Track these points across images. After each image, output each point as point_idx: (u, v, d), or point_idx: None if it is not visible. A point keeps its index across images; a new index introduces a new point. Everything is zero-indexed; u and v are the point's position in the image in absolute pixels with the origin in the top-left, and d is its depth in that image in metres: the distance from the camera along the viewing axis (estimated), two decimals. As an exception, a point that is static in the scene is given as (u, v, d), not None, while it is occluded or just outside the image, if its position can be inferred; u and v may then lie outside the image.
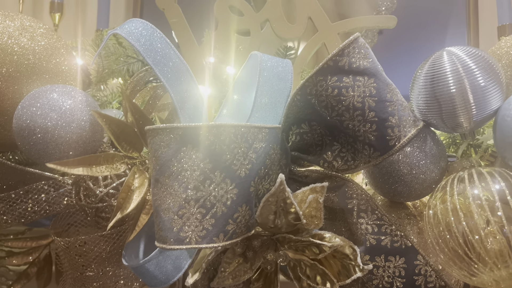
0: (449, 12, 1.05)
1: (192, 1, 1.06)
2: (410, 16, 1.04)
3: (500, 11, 1.00)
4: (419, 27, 1.04)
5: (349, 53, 0.55)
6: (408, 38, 1.04)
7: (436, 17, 1.04)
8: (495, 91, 0.52)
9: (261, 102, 0.64)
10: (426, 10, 1.05)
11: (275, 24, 0.75)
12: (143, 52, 0.56)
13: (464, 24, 1.03)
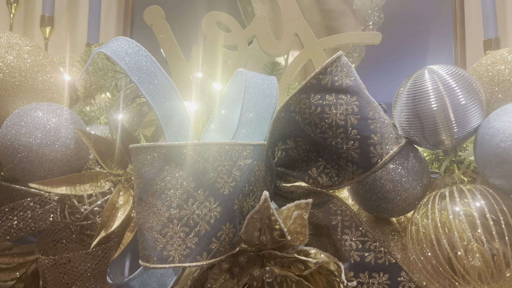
0: (437, 25, 1.06)
1: (180, 17, 1.07)
2: (398, 29, 1.05)
3: (486, 26, 1.01)
4: (407, 40, 1.05)
5: (332, 72, 0.56)
6: (396, 50, 1.05)
7: (424, 30, 1.06)
8: (476, 109, 0.53)
9: (247, 118, 0.65)
10: (414, 23, 1.06)
11: (262, 40, 0.76)
12: (128, 70, 0.56)
13: (451, 37, 1.04)
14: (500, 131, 0.49)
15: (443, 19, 1.06)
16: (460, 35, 1.04)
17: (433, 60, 1.06)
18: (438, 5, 1.06)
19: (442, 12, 1.05)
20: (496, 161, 0.49)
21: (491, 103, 0.57)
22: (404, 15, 1.06)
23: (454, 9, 1.05)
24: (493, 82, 0.57)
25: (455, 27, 1.05)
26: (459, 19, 1.04)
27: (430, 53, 1.07)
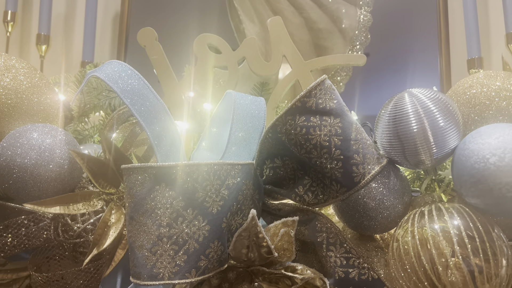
0: (423, 44, 1.09)
1: (173, 37, 1.10)
2: (385, 48, 1.09)
3: (469, 45, 1.05)
4: (394, 58, 1.09)
5: (316, 95, 0.58)
6: (384, 67, 1.09)
7: (410, 48, 1.09)
8: (453, 131, 0.56)
9: (237, 137, 0.67)
10: (400, 42, 1.10)
11: (252, 62, 0.79)
12: (120, 93, 0.58)
13: (436, 55, 1.08)
14: (475, 152, 0.51)
15: (429, 38, 1.10)
16: (445, 53, 1.08)
17: (420, 76, 1.09)
18: (424, 25, 1.09)
19: (428, 31, 1.09)
20: (471, 182, 0.51)
21: (468, 124, 0.60)
22: (391, 34, 1.10)
23: (439, 29, 1.09)
24: (470, 104, 0.60)
25: (440, 46, 1.08)
26: (444, 39, 1.08)
27: (417, 70, 1.10)
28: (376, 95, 1.08)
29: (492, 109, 0.58)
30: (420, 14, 1.09)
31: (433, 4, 1.09)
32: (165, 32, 1.12)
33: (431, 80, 1.06)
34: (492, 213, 0.54)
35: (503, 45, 1.08)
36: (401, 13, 1.10)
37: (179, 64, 0.96)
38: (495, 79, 0.60)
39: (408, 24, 1.11)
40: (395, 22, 1.09)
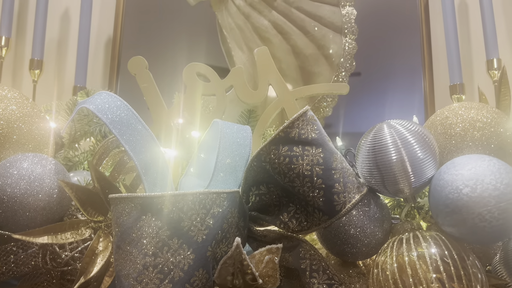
0: (407, 69, 1.13)
1: (165, 61, 1.13)
2: (371, 73, 1.12)
3: (451, 72, 1.09)
4: (380, 83, 1.12)
5: (299, 125, 0.61)
6: (370, 92, 1.12)
7: (395, 73, 1.12)
8: (430, 161, 0.58)
9: (224, 163, 0.69)
10: (385, 67, 1.13)
11: (239, 90, 0.81)
12: (109, 124, 0.60)
13: (420, 80, 1.11)
14: (449, 183, 0.54)
15: (413, 63, 1.13)
16: (429, 79, 1.11)
17: (405, 100, 1.12)
18: (408, 51, 1.13)
19: (412, 57, 1.13)
20: (446, 211, 0.53)
21: (444, 154, 0.62)
22: (376, 60, 1.13)
23: (423, 55, 1.12)
24: (446, 135, 0.63)
25: (424, 71, 1.12)
26: (427, 65, 1.11)
27: (402, 94, 1.13)
28: (363, 117, 1.11)
29: (466, 139, 0.61)
30: (404, 40, 1.13)
31: (416, 32, 1.13)
32: (156, 57, 1.14)
33: (416, 104, 1.09)
34: (467, 241, 0.56)
35: (485, 71, 1.11)
36: (386, 39, 1.14)
37: (170, 90, 0.98)
38: (469, 110, 0.62)
39: (393, 50, 1.14)
40: (380, 48, 1.13)
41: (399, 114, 1.09)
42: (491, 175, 0.51)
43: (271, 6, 1.05)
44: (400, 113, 1.09)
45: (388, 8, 1.15)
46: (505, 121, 0.61)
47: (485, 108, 0.63)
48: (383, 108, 1.11)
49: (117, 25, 1.21)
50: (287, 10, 1.05)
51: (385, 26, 1.15)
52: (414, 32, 1.14)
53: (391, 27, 1.15)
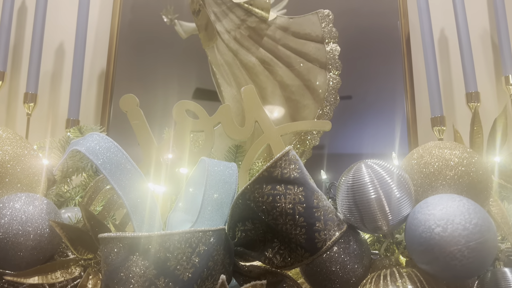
0: (391, 101, 1.17)
1: (155, 98, 1.16)
2: (355, 107, 1.16)
3: (432, 105, 1.13)
4: (363, 117, 1.16)
5: (281, 165, 0.64)
6: (353, 125, 1.16)
7: (378, 105, 1.17)
8: (406, 200, 0.61)
9: (212, 198, 0.71)
10: (369, 98, 1.17)
11: (226, 127, 0.84)
12: (100, 166, 0.63)
13: (404, 112, 1.15)
14: (422, 222, 0.57)
15: (397, 96, 1.18)
16: (412, 111, 1.15)
17: (388, 131, 1.15)
18: (391, 82, 1.17)
19: (395, 89, 1.17)
20: (420, 249, 0.56)
21: (419, 192, 0.65)
22: (361, 91, 1.17)
23: (406, 88, 1.17)
24: (421, 173, 0.66)
25: (407, 104, 1.16)
26: (410, 98, 1.16)
27: (386, 126, 1.17)
28: (348, 145, 1.15)
29: (440, 178, 0.64)
30: (387, 73, 1.18)
31: (399, 65, 1.18)
32: (148, 91, 1.18)
33: (400, 134, 1.13)
34: (442, 277, 0.58)
35: (465, 103, 1.16)
36: (369, 71, 1.19)
37: (163, 121, 1.02)
38: (443, 150, 0.66)
39: (377, 81, 1.19)
40: (364, 80, 1.17)
41: (383, 143, 1.13)
42: (461, 215, 0.54)
43: (258, 44, 1.10)
44: (384, 143, 1.13)
45: (370, 41, 1.20)
46: (476, 161, 0.65)
47: (457, 147, 0.66)
48: (368, 137, 1.15)
49: (110, 58, 1.24)
50: (274, 47, 1.10)
51: (369, 58, 1.20)
52: (396, 65, 1.19)
53: (374, 59, 1.20)
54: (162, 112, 1.11)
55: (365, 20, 1.22)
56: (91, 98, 1.27)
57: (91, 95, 1.27)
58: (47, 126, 1.23)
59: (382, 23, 1.22)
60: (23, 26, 1.33)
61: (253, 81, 1.09)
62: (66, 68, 1.30)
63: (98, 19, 1.33)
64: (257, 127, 0.88)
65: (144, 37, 1.26)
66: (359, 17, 1.22)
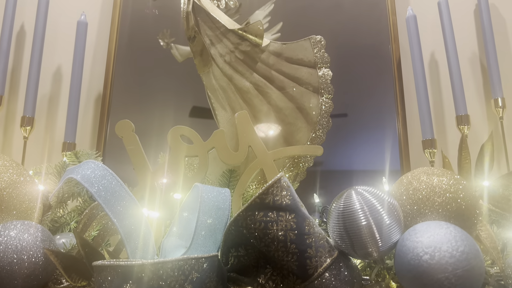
0: (382, 125, 1.19)
1: (151, 123, 1.18)
2: (347, 130, 1.18)
3: (423, 128, 1.15)
4: (356, 135, 1.17)
5: (273, 192, 0.65)
6: (347, 148, 1.17)
7: (370, 128, 1.18)
8: (395, 227, 0.62)
9: (205, 224, 0.72)
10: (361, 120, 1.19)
11: (220, 152, 0.86)
12: (94, 193, 0.64)
13: (396, 135, 1.17)
14: (410, 250, 0.58)
15: (388, 120, 1.20)
16: (403, 134, 1.17)
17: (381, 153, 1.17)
18: (383, 106, 1.20)
19: (387, 114, 1.19)
20: (409, 276, 0.57)
21: (408, 219, 0.67)
22: (353, 115, 1.20)
23: (397, 112, 1.19)
24: (410, 199, 0.67)
25: (399, 127, 1.18)
26: (401, 121, 1.18)
27: (378, 148, 1.19)
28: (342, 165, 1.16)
29: (428, 205, 0.65)
30: (379, 96, 1.20)
31: (390, 88, 1.21)
32: (144, 115, 1.19)
33: (392, 157, 1.15)
34: (431, 304, 0.59)
35: (455, 125, 1.18)
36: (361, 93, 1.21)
37: (159, 143, 1.03)
38: (431, 177, 0.67)
39: (368, 103, 1.21)
40: (356, 102, 1.20)
41: (376, 164, 1.14)
42: (448, 242, 0.56)
43: (252, 69, 1.12)
44: (377, 165, 1.14)
45: (362, 64, 1.23)
46: (463, 187, 0.66)
47: (445, 174, 0.68)
48: (359, 159, 1.16)
49: (107, 81, 1.26)
50: (268, 72, 1.12)
51: (361, 81, 1.22)
52: (388, 88, 1.21)
53: (367, 81, 1.22)
54: (158, 135, 1.12)
55: (357, 44, 1.24)
56: (87, 121, 1.28)
57: (88, 118, 1.29)
58: (43, 149, 1.24)
59: (374, 47, 1.25)
60: (22, 50, 1.35)
61: (247, 105, 1.11)
62: (63, 91, 1.31)
63: (96, 42, 1.36)
64: (250, 152, 0.90)
65: (141, 60, 1.28)
66: (351, 41, 1.24)
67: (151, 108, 1.21)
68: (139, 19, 1.32)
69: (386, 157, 1.16)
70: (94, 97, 1.31)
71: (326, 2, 1.28)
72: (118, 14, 1.31)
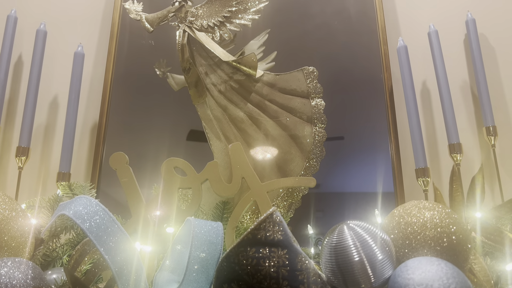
0: (376, 154, 1.20)
1: (147, 153, 1.18)
2: (341, 158, 1.19)
3: (416, 157, 1.16)
4: (350, 165, 1.18)
5: (265, 227, 0.65)
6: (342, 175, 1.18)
7: (364, 158, 1.19)
8: (387, 262, 0.62)
9: (198, 257, 0.72)
10: (355, 151, 1.20)
11: (214, 184, 0.86)
12: (86, 230, 0.64)
13: (389, 164, 1.18)
14: (402, 286, 0.58)
15: (382, 148, 1.21)
16: (397, 163, 1.18)
17: (375, 182, 1.17)
18: (376, 136, 1.21)
19: (380, 141, 1.20)
20: (401, 314, 0.57)
21: (400, 254, 0.67)
22: (347, 143, 1.21)
23: (390, 139, 1.20)
24: (402, 233, 0.67)
25: (392, 157, 1.19)
26: (394, 150, 1.19)
27: (372, 177, 1.19)
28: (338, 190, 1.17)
29: (420, 240, 0.65)
30: (372, 126, 1.22)
31: (383, 118, 1.22)
32: (139, 145, 1.20)
33: (385, 186, 1.15)
34: None
35: (448, 153, 1.19)
36: (354, 123, 1.22)
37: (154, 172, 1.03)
38: (423, 211, 0.68)
39: (362, 131, 1.22)
40: (349, 131, 1.21)
41: (369, 195, 1.15)
42: (439, 280, 0.56)
43: (246, 99, 1.14)
44: (371, 194, 1.15)
45: (355, 93, 1.25)
46: (455, 221, 0.67)
47: (437, 208, 0.68)
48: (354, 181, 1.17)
49: (103, 110, 1.27)
50: (261, 102, 1.14)
51: (354, 108, 1.24)
52: (381, 116, 1.23)
53: (359, 110, 1.24)
54: (153, 165, 1.13)
55: (350, 72, 1.27)
56: (83, 150, 1.29)
57: (83, 148, 1.29)
58: (38, 179, 1.24)
59: (367, 75, 1.27)
60: (19, 80, 1.37)
61: (242, 134, 1.12)
62: (59, 121, 1.32)
63: (92, 72, 1.38)
64: (244, 182, 0.90)
65: (137, 90, 1.30)
66: (344, 70, 1.27)
67: (146, 137, 1.22)
68: (135, 49, 1.34)
69: (380, 186, 1.16)
70: (90, 126, 1.32)
71: (319, 32, 1.30)
72: (115, 44, 1.33)
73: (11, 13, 1.31)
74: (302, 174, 1.07)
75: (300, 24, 1.31)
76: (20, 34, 1.36)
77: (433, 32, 1.28)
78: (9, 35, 1.30)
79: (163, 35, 1.31)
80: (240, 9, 1.19)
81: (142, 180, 0.93)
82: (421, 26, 1.36)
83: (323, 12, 1.33)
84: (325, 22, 1.32)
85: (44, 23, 1.31)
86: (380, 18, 1.31)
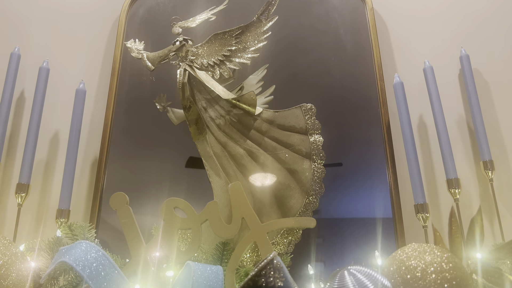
0: (374, 191, 1.21)
1: (148, 190, 1.19)
2: (340, 193, 1.19)
3: (414, 192, 1.16)
4: (349, 201, 1.18)
5: (266, 274, 0.65)
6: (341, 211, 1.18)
7: (362, 193, 1.20)
8: (387, 308, 0.62)
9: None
10: (354, 186, 1.21)
11: (214, 224, 0.86)
12: (86, 277, 0.64)
13: (388, 200, 1.18)
14: (404, 336, 0.57)
15: (381, 186, 1.21)
16: (396, 199, 1.18)
17: (374, 219, 1.17)
18: (374, 172, 1.22)
19: (379, 178, 1.21)
20: None
21: (402, 298, 0.67)
22: (346, 179, 1.21)
23: (389, 175, 1.21)
24: (402, 278, 0.67)
25: (391, 193, 1.19)
26: (393, 186, 1.19)
27: (371, 211, 1.19)
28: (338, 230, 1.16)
29: (421, 284, 0.65)
30: (369, 162, 1.23)
31: (381, 154, 1.23)
32: (140, 182, 1.21)
33: (385, 223, 1.15)
34: None
35: (446, 189, 1.19)
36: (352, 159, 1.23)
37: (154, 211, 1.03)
38: (423, 254, 0.68)
39: (360, 167, 1.23)
40: (348, 168, 1.22)
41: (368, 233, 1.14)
42: (441, 330, 0.55)
43: (245, 136, 1.15)
44: (370, 233, 1.14)
45: (352, 126, 1.27)
46: (455, 265, 0.67)
47: (436, 251, 0.68)
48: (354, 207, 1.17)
49: (103, 147, 1.28)
50: (260, 139, 1.15)
51: (352, 143, 1.25)
52: (378, 151, 1.24)
53: (357, 146, 1.25)
54: (154, 202, 1.13)
55: (347, 107, 1.29)
56: (83, 186, 1.29)
57: (83, 184, 1.29)
58: (37, 216, 1.24)
59: (364, 110, 1.29)
60: (20, 116, 1.38)
61: (241, 170, 1.13)
62: (59, 157, 1.33)
63: (93, 108, 1.39)
64: (244, 221, 0.90)
65: (137, 126, 1.31)
66: (341, 104, 1.29)
67: (147, 174, 1.22)
68: (136, 85, 1.36)
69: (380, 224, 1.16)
70: (90, 162, 1.33)
71: (316, 69, 1.33)
72: (116, 81, 1.35)
73: (14, 51, 1.34)
74: (302, 210, 1.07)
75: (297, 59, 1.34)
76: (23, 70, 1.38)
77: (428, 68, 1.30)
78: (12, 72, 1.32)
79: (164, 72, 1.34)
80: (239, 48, 1.21)
81: (142, 218, 0.93)
82: (416, 62, 1.39)
83: (321, 47, 1.36)
84: (322, 57, 1.35)
85: (47, 60, 1.33)
86: (376, 54, 1.34)
